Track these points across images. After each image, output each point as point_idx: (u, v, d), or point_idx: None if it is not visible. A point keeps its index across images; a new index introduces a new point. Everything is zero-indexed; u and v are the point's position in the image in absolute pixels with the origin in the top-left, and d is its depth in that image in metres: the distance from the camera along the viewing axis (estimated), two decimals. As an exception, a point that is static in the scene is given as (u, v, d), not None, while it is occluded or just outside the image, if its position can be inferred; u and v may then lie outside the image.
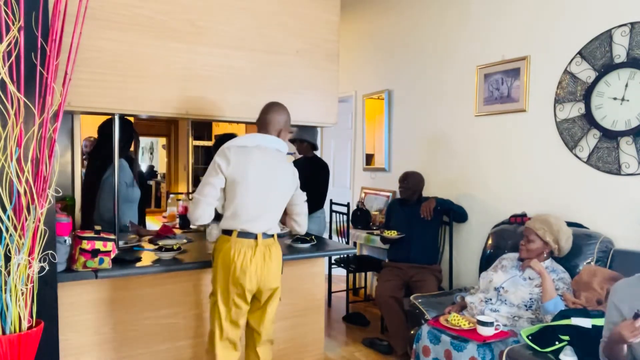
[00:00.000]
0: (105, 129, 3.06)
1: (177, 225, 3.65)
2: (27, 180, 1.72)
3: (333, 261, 4.42)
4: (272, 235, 2.31)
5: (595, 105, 2.78)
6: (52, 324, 2.00)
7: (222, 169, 2.23)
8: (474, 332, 2.42)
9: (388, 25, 4.53)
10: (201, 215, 2.23)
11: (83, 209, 3.05)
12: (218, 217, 2.36)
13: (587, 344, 2.04)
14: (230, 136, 3.18)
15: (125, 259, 2.42)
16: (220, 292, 2.24)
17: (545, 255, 2.61)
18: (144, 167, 4.85)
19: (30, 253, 1.75)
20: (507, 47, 3.31)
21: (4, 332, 1.70)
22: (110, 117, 2.98)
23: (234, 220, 2.23)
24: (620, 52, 2.67)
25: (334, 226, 4.52)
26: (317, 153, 4.38)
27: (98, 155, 3.09)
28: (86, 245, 2.17)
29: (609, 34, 2.71)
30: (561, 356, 2.04)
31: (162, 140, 7.96)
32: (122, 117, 2.83)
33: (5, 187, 1.71)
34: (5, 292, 1.70)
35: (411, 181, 3.66)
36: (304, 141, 4.16)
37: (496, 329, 2.39)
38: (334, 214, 4.48)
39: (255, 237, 2.23)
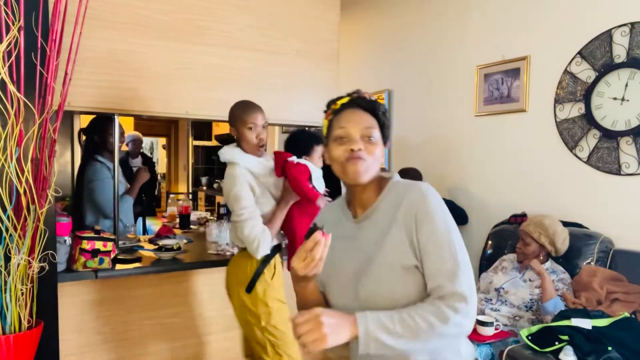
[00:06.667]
0: (87, 131, 3.01)
1: (177, 225, 3.65)
2: (27, 181, 1.72)
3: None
4: (240, 249, 2.19)
5: (595, 105, 2.78)
6: (52, 324, 2.00)
7: None
8: (474, 332, 2.42)
9: (388, 25, 4.53)
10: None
11: (73, 211, 3.05)
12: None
13: (587, 344, 2.04)
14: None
15: (126, 259, 2.43)
16: None
17: (542, 257, 2.61)
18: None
19: (30, 253, 1.75)
20: (507, 47, 3.30)
21: (4, 332, 1.70)
22: (92, 118, 3.00)
23: None
24: (620, 52, 2.67)
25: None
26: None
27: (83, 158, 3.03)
28: (86, 245, 2.17)
29: (609, 34, 2.71)
30: (561, 356, 2.04)
31: (162, 140, 7.97)
32: (100, 115, 2.81)
33: (5, 187, 1.71)
34: (5, 292, 1.70)
35: (414, 176, 3.65)
36: None
37: (496, 329, 2.39)
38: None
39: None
